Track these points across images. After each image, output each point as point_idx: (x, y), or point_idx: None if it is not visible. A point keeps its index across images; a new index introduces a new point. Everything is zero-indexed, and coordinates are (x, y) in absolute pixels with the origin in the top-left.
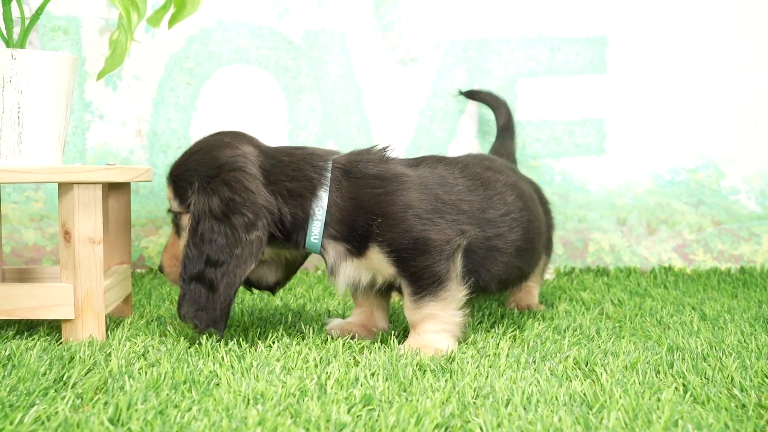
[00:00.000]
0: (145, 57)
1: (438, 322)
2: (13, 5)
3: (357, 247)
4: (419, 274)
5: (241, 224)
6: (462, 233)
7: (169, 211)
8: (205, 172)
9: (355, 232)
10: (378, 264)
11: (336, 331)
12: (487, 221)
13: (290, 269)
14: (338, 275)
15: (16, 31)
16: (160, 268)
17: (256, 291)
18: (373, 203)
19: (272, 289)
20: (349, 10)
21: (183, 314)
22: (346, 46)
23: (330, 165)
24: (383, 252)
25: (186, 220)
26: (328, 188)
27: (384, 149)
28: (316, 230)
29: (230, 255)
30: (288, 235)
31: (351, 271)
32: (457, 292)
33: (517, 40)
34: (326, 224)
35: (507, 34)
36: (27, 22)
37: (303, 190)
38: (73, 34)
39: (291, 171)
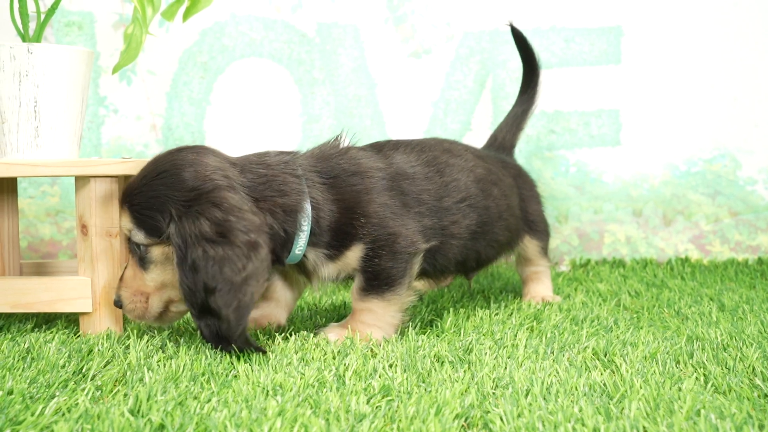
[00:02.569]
0: (159, 51)
1: (375, 318)
2: (29, 0)
3: (338, 248)
4: (376, 274)
5: (244, 243)
6: (425, 236)
7: (130, 241)
8: (180, 197)
9: (338, 235)
10: (351, 261)
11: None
12: (444, 210)
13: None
14: (317, 276)
15: (32, 26)
16: (117, 303)
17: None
18: (354, 202)
19: None
20: (363, 3)
21: (214, 347)
22: (359, 39)
23: (302, 171)
24: (365, 250)
25: (158, 252)
26: (309, 197)
27: (338, 140)
28: (301, 242)
29: (233, 278)
30: (275, 253)
31: (329, 271)
32: (404, 296)
33: (531, 31)
34: (311, 233)
35: (521, 25)
36: (42, 17)
37: (296, 205)
38: (87, 29)
39: (278, 186)
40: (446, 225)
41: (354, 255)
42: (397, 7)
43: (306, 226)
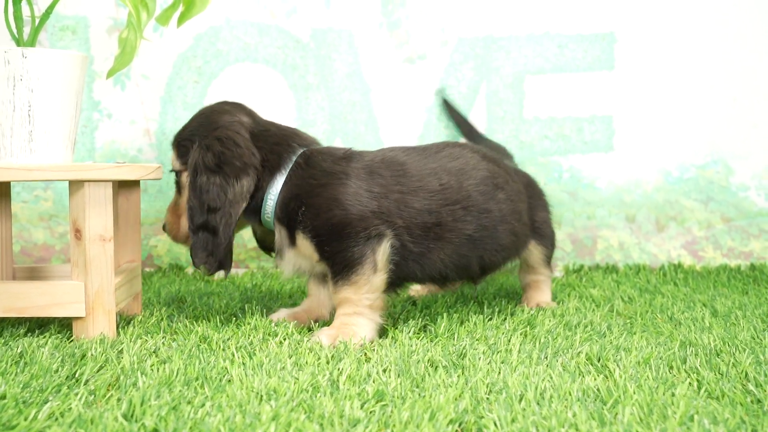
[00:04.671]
0: (153, 56)
1: (351, 305)
2: (23, 4)
3: (291, 234)
4: (333, 259)
5: (231, 172)
6: (387, 223)
7: (172, 170)
8: (204, 133)
9: (288, 219)
10: (305, 250)
11: (281, 318)
12: (425, 211)
13: None
14: (284, 259)
15: (26, 30)
16: (164, 227)
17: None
18: (305, 193)
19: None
20: (357, 9)
21: (196, 262)
22: (353, 45)
23: (299, 150)
24: (307, 238)
25: (185, 178)
26: (287, 171)
27: (349, 150)
28: (269, 208)
29: (224, 200)
30: (255, 201)
31: (292, 257)
32: (370, 276)
33: (525, 37)
34: (276, 205)
35: (515, 32)
36: (37, 21)
37: (272, 164)
38: (81, 34)
39: (272, 143)
40: (429, 225)
41: (302, 242)
42: (391, 13)
43: (274, 194)
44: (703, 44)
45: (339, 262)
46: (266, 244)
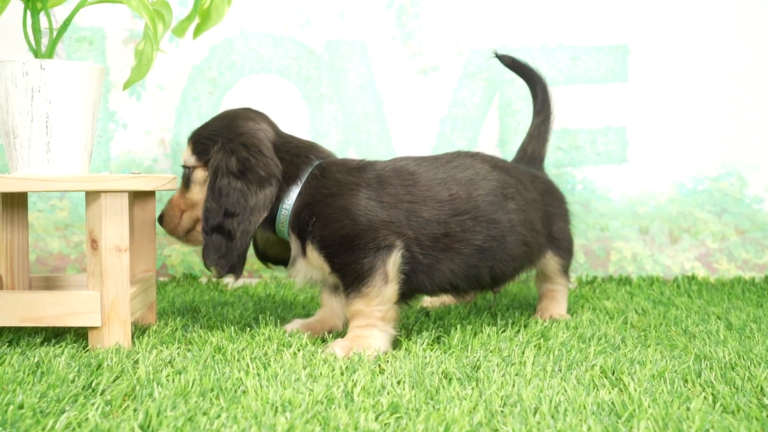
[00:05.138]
0: (168, 67)
1: (363, 318)
2: (41, 16)
3: (303, 245)
4: (344, 271)
5: (255, 180)
6: (397, 234)
7: (184, 166)
8: (228, 135)
9: (300, 229)
10: (315, 262)
11: (295, 328)
12: (433, 221)
13: None
14: (296, 268)
15: (44, 42)
16: (160, 219)
17: (272, 267)
18: (315, 203)
19: (286, 262)
20: (371, 20)
21: (207, 263)
22: (367, 56)
23: (316, 162)
24: (316, 249)
25: (200, 175)
26: (302, 182)
27: (363, 161)
28: (283, 218)
29: (245, 206)
30: (271, 210)
31: (304, 267)
32: (381, 287)
33: (538, 48)
34: (290, 215)
35: (528, 43)
36: (55, 33)
37: (290, 176)
38: (98, 45)
39: (293, 155)
40: (438, 236)
41: (311, 253)
42: (405, 24)
43: (288, 204)
44: (717, 56)
45: (350, 274)
46: (266, 256)
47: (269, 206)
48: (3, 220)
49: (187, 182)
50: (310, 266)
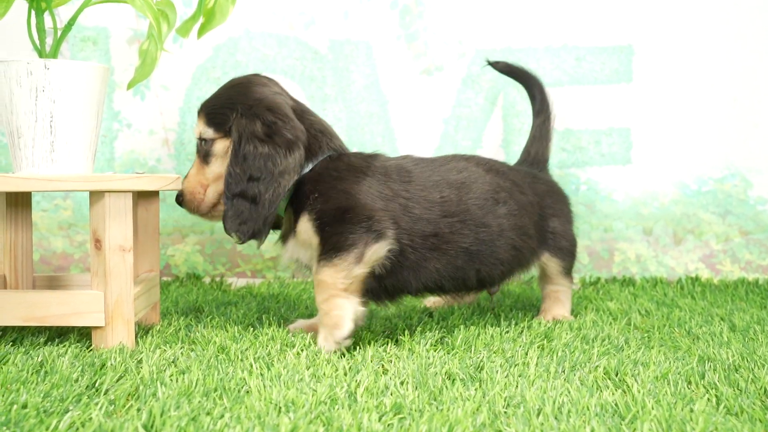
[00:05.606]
0: (172, 67)
1: (325, 289)
2: (46, 16)
3: (296, 218)
4: (327, 240)
5: (282, 143)
6: (393, 224)
7: (200, 139)
8: (246, 101)
9: (299, 202)
10: (305, 234)
11: (298, 329)
12: (424, 219)
13: None
14: (284, 246)
15: (49, 41)
16: (178, 198)
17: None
18: (322, 181)
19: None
20: (375, 21)
21: (228, 228)
22: (371, 56)
23: (336, 145)
24: (310, 220)
25: (220, 146)
26: (316, 161)
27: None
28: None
29: (272, 171)
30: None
31: (291, 245)
32: (352, 265)
33: (542, 49)
34: (290, 189)
35: (532, 44)
36: (59, 32)
37: (310, 151)
38: (102, 45)
39: (317, 130)
40: (427, 235)
41: (304, 225)
42: (409, 25)
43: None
44: (722, 57)
45: (330, 244)
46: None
47: (299, 170)
48: (7, 220)
49: (206, 156)
50: (297, 244)
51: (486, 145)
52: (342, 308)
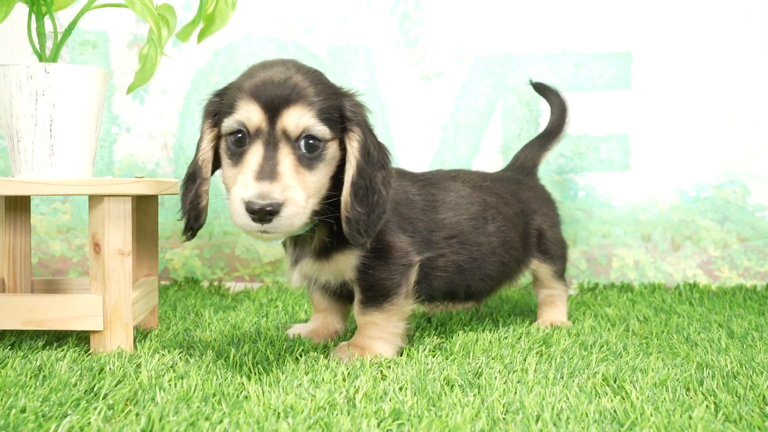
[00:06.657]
0: (172, 71)
1: (378, 330)
2: (46, 20)
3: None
4: (371, 285)
5: (389, 169)
6: (418, 251)
7: (308, 137)
8: (347, 100)
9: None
10: (342, 266)
11: (297, 334)
12: (433, 243)
13: None
14: (300, 263)
15: (49, 45)
16: (268, 210)
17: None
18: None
19: None
20: (374, 26)
21: (361, 240)
22: (370, 61)
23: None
24: (360, 258)
25: (332, 150)
26: None
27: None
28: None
29: (386, 194)
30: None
31: (308, 267)
32: (403, 305)
33: (541, 55)
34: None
35: (531, 50)
36: (59, 36)
37: None
38: (101, 48)
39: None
40: (433, 257)
41: (344, 258)
42: (408, 30)
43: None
44: (721, 64)
45: (377, 289)
46: None
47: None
48: (6, 223)
49: (310, 161)
50: (326, 269)
51: (484, 150)
52: (380, 351)
